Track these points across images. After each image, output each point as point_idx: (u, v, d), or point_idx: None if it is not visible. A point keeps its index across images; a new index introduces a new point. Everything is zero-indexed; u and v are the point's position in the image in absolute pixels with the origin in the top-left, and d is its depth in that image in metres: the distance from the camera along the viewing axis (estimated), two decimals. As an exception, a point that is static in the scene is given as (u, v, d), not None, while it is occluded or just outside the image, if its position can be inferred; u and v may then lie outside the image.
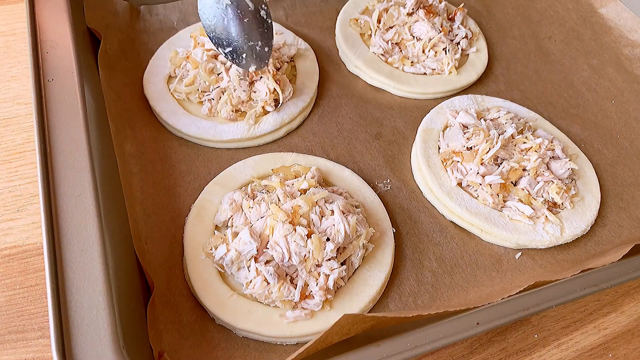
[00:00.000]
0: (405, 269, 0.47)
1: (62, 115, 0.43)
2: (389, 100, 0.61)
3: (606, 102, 0.65)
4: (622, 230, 0.53)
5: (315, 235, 0.41)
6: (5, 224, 0.46)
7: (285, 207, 0.43)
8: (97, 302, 0.34)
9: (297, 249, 0.41)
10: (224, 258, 0.42)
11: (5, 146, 0.51)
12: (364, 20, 0.65)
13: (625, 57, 0.70)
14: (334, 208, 0.44)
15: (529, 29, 0.73)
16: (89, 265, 0.36)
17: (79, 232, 0.37)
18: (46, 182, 0.39)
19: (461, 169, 0.52)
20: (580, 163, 0.56)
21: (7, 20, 0.61)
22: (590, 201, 0.53)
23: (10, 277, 0.43)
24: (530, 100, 0.64)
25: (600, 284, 0.42)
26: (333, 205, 0.44)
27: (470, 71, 0.64)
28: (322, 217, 0.44)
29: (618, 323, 0.47)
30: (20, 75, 0.56)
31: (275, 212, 0.42)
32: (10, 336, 0.40)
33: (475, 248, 0.50)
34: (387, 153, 0.56)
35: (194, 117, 0.54)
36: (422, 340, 0.36)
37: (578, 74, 0.68)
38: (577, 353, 0.44)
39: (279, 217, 0.42)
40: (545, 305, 0.40)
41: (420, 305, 0.45)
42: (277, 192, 0.45)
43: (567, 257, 0.50)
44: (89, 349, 0.33)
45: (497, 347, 0.44)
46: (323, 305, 0.42)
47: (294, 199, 0.44)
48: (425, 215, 0.51)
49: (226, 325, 0.41)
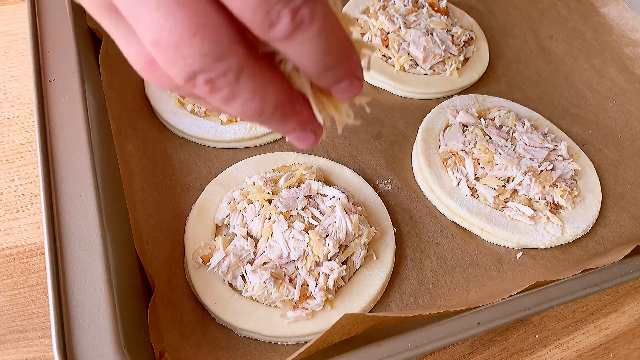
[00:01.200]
0: (406, 269, 0.47)
1: (63, 115, 0.43)
2: (390, 100, 0.61)
3: (607, 102, 0.65)
4: (623, 230, 0.53)
5: (313, 231, 0.42)
6: (6, 224, 0.46)
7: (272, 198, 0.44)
8: (98, 302, 0.34)
9: (295, 244, 0.41)
10: (219, 266, 0.42)
11: (6, 146, 0.51)
12: (364, 20, 0.65)
13: (626, 56, 0.70)
14: (336, 204, 0.44)
15: (531, 28, 0.73)
16: (90, 265, 0.36)
17: (80, 231, 0.37)
18: (47, 182, 0.39)
19: (461, 169, 0.52)
20: (582, 163, 0.56)
21: (9, 21, 0.61)
22: (592, 201, 0.53)
23: (12, 277, 0.43)
24: (532, 100, 0.64)
25: (602, 284, 0.42)
26: (335, 202, 0.44)
27: (472, 71, 0.64)
28: (323, 215, 0.44)
29: (619, 323, 0.47)
30: (21, 75, 0.56)
31: (266, 206, 0.43)
32: (12, 336, 0.40)
33: (476, 248, 0.50)
34: (388, 153, 0.56)
35: (195, 117, 0.54)
36: (423, 340, 0.36)
37: (579, 73, 0.68)
38: (578, 353, 0.44)
39: (269, 209, 0.42)
40: (546, 305, 0.40)
41: (421, 305, 0.45)
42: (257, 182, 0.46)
43: (568, 257, 0.50)
44: (90, 349, 0.33)
45: (498, 347, 0.44)
46: (324, 305, 0.42)
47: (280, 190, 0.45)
48: (426, 215, 0.51)
49: (227, 325, 0.41)
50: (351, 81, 0.24)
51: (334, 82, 0.24)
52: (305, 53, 0.21)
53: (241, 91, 0.21)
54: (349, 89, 0.25)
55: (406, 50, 0.62)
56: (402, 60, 0.61)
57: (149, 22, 0.19)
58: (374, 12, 0.65)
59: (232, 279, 0.42)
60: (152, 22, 0.19)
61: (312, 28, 0.20)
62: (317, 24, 0.20)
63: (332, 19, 0.21)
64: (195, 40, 0.19)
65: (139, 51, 0.22)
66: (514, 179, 0.50)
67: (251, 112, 0.23)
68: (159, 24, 0.19)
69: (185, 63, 0.20)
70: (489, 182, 0.51)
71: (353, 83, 0.25)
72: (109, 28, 0.22)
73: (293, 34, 0.20)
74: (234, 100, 0.22)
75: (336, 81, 0.24)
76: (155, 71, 0.22)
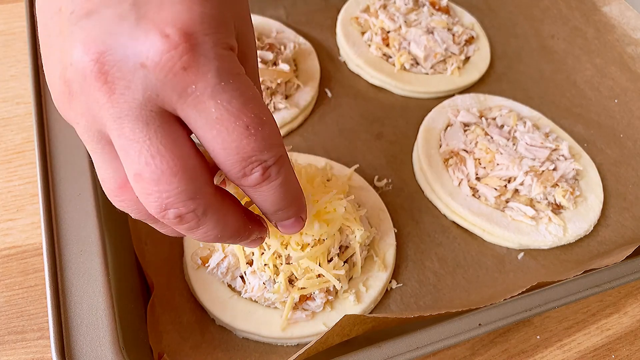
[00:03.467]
0: (406, 270, 0.47)
1: (61, 115, 0.43)
2: (390, 100, 0.61)
3: (609, 102, 0.65)
4: (625, 230, 0.52)
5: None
6: (4, 224, 0.45)
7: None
8: (97, 303, 0.34)
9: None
10: (218, 267, 0.41)
11: (4, 146, 0.50)
12: (365, 19, 0.65)
13: (628, 55, 0.69)
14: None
15: (532, 27, 0.73)
16: (88, 266, 0.36)
17: (79, 232, 0.37)
18: (45, 182, 0.39)
19: (462, 168, 0.52)
20: (583, 163, 0.55)
21: (6, 20, 0.61)
22: (593, 201, 0.52)
23: (10, 278, 0.43)
24: (533, 100, 0.63)
25: (603, 285, 0.42)
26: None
27: (473, 70, 0.64)
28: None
29: (621, 324, 0.46)
30: (19, 74, 0.56)
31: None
32: (10, 337, 0.39)
33: (477, 248, 0.49)
34: (389, 153, 0.56)
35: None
36: (424, 341, 0.36)
37: (581, 72, 0.68)
38: (580, 354, 0.44)
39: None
40: (547, 306, 0.39)
41: (422, 306, 0.45)
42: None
43: (570, 257, 0.50)
44: (89, 350, 0.32)
45: (499, 348, 0.43)
46: (324, 307, 0.41)
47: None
48: (427, 215, 0.51)
49: (226, 326, 0.41)
50: (296, 219, 0.31)
51: (282, 219, 0.30)
52: (265, 198, 0.27)
53: (205, 223, 0.25)
54: (293, 226, 0.31)
55: (407, 49, 0.62)
56: (402, 59, 0.61)
57: (137, 157, 0.22)
58: (374, 11, 0.65)
59: (232, 280, 0.42)
60: (139, 158, 0.22)
61: (275, 182, 0.25)
62: (280, 179, 0.26)
63: (291, 173, 0.27)
64: (174, 179, 0.23)
65: (113, 175, 0.25)
66: (516, 179, 0.50)
67: (211, 238, 0.27)
68: (146, 161, 0.22)
69: (160, 197, 0.23)
70: (490, 182, 0.50)
71: (297, 221, 0.31)
72: (92, 149, 0.25)
73: (260, 185, 0.25)
74: (197, 230, 0.26)
75: (283, 218, 0.30)
76: (123, 194, 0.25)
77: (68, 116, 0.25)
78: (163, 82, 0.21)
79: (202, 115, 0.22)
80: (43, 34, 0.25)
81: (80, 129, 0.24)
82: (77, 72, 0.22)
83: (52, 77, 0.24)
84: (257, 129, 0.23)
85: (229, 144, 0.23)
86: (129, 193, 0.25)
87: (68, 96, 0.23)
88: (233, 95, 0.22)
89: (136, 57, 0.21)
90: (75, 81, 0.22)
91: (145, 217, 0.26)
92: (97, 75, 0.21)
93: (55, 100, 0.24)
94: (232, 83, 0.23)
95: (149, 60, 0.21)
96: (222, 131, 0.23)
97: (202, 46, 0.22)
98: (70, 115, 0.24)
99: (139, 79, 0.21)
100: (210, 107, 0.22)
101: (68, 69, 0.22)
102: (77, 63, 0.22)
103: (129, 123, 0.22)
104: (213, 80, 0.22)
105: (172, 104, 0.22)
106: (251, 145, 0.23)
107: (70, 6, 0.22)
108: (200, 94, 0.22)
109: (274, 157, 0.24)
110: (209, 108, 0.22)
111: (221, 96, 0.22)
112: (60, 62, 0.23)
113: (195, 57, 0.21)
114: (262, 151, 0.24)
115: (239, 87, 0.23)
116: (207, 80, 0.22)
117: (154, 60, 0.21)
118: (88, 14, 0.22)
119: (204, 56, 0.22)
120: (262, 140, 0.23)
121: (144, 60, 0.21)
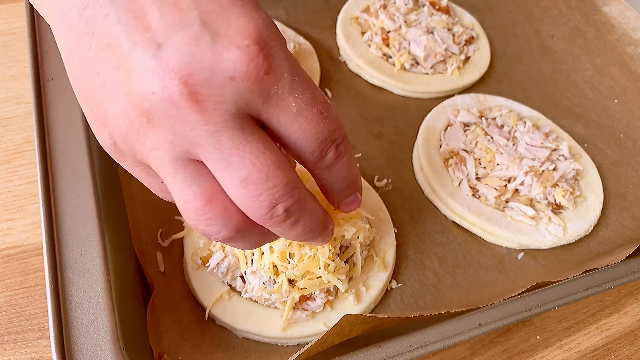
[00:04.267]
0: (406, 270, 0.47)
1: (61, 115, 0.43)
2: (390, 100, 0.61)
3: (609, 102, 0.65)
4: (625, 230, 0.52)
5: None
6: (4, 224, 0.45)
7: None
8: (97, 303, 0.34)
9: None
10: (218, 267, 0.41)
11: (4, 146, 0.50)
12: (365, 19, 0.65)
13: (628, 56, 0.69)
14: None
15: (532, 27, 0.73)
16: (88, 266, 0.36)
17: (79, 232, 0.37)
18: (46, 182, 0.39)
19: (462, 168, 0.52)
20: (583, 163, 0.55)
21: (7, 19, 0.61)
22: (593, 201, 0.52)
23: (10, 278, 0.43)
24: (533, 100, 0.63)
25: (603, 285, 0.42)
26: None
27: (473, 70, 0.64)
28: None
29: (621, 324, 0.46)
30: (19, 74, 0.56)
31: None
32: (10, 337, 0.40)
33: (477, 248, 0.49)
34: (389, 153, 0.56)
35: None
36: (424, 341, 0.36)
37: (581, 72, 0.68)
38: (580, 354, 0.44)
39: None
40: (547, 306, 0.39)
41: (422, 306, 0.45)
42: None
43: (570, 257, 0.50)
44: (89, 350, 0.32)
45: (499, 348, 0.43)
46: (324, 306, 0.41)
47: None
48: (427, 215, 0.51)
49: (226, 326, 0.41)
50: (356, 196, 0.32)
51: (347, 196, 0.31)
52: (337, 175, 0.29)
53: (305, 213, 0.27)
54: (354, 202, 0.33)
55: (407, 49, 0.62)
56: (402, 59, 0.61)
57: (241, 163, 0.24)
58: (374, 11, 0.65)
59: (232, 280, 0.42)
60: (244, 162, 0.24)
61: (346, 156, 0.28)
62: (347, 154, 0.28)
63: (351, 150, 0.29)
64: (280, 172, 0.24)
65: (199, 191, 0.25)
66: (516, 179, 0.50)
67: (307, 233, 0.28)
68: (252, 162, 0.24)
69: (270, 193, 0.24)
70: (490, 182, 0.50)
71: (357, 197, 0.33)
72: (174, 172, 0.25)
73: (334, 163, 0.28)
74: (297, 224, 0.27)
75: (348, 195, 0.31)
76: (210, 211, 0.25)
77: (138, 148, 0.25)
78: (251, 90, 0.23)
79: (284, 112, 0.24)
80: (83, 72, 0.25)
81: (158, 154, 0.24)
82: (162, 99, 0.22)
83: (114, 112, 0.24)
84: (327, 111, 0.26)
85: (309, 132, 0.25)
86: (215, 208, 0.25)
87: (145, 126, 0.23)
88: (304, 87, 0.25)
89: (224, 72, 0.22)
90: (159, 108, 0.23)
91: (232, 229, 0.26)
92: (188, 96, 0.22)
93: (119, 134, 0.24)
94: (300, 76, 0.25)
95: (237, 72, 0.22)
96: (303, 122, 0.25)
97: (274, 49, 0.24)
98: (144, 145, 0.24)
99: (229, 92, 0.23)
100: (290, 102, 0.24)
101: (147, 99, 0.23)
102: (163, 90, 0.22)
103: (226, 133, 0.23)
104: (289, 78, 0.24)
105: (258, 109, 0.24)
106: (326, 127, 0.26)
107: (126, 40, 0.23)
108: (282, 93, 0.24)
109: (342, 133, 0.27)
110: (290, 104, 0.24)
111: (296, 90, 0.24)
112: (127, 95, 0.23)
113: (271, 61, 0.23)
114: (334, 130, 0.26)
115: (304, 78, 0.25)
116: (284, 79, 0.24)
117: (241, 72, 0.22)
118: (158, 43, 0.22)
119: (277, 58, 0.24)
120: (332, 120, 0.26)
121: (232, 73, 0.22)
